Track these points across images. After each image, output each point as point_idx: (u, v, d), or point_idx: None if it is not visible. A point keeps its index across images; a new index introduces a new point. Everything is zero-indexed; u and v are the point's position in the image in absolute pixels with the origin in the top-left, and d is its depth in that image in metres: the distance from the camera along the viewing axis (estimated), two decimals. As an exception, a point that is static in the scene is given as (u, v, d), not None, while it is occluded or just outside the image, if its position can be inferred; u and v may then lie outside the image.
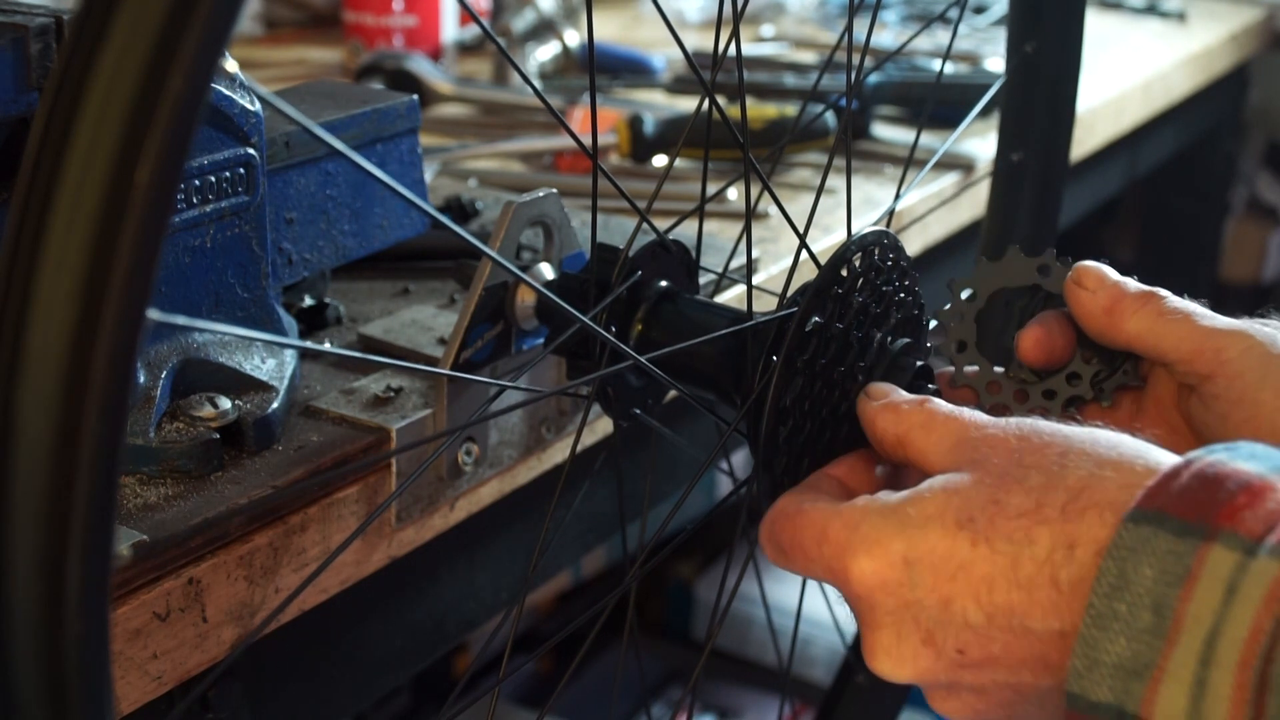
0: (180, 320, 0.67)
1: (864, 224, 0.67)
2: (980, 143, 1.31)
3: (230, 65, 0.69)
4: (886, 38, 1.78)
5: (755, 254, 1.01)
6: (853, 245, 0.64)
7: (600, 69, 1.52)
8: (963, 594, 0.51)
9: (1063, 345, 0.68)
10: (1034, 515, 0.50)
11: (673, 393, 0.73)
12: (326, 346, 0.83)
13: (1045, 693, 0.51)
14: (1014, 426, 0.54)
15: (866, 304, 0.63)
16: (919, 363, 0.65)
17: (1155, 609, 0.46)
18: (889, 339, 0.65)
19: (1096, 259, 0.68)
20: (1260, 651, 0.44)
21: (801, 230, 0.68)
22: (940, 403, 0.59)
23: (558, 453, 0.82)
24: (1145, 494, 0.48)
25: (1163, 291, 0.65)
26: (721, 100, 1.29)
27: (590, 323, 0.62)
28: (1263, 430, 0.60)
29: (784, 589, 1.88)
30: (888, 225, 0.68)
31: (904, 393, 0.62)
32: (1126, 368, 0.68)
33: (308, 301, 0.86)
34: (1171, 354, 0.64)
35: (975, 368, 0.71)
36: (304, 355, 0.78)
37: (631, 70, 1.54)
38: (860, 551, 0.53)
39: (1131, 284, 0.66)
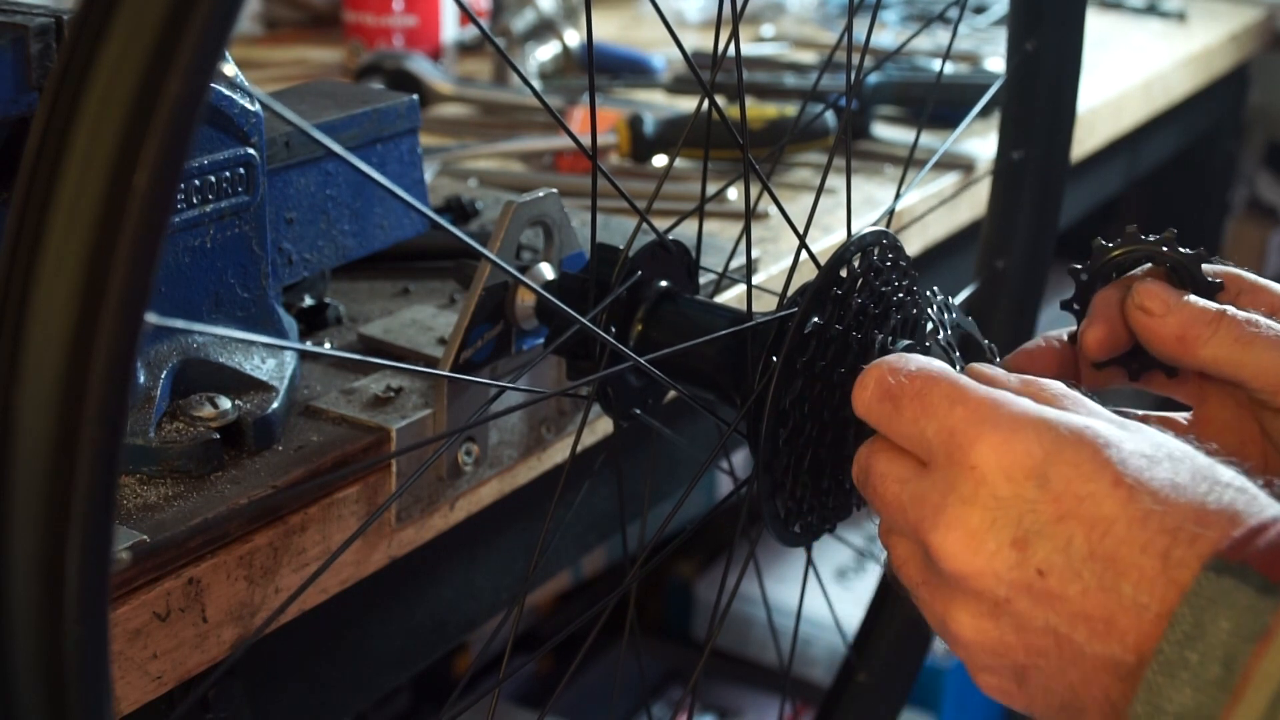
0: (179, 324, 0.67)
1: (864, 224, 0.67)
2: (980, 142, 1.31)
3: (229, 69, 0.69)
4: (886, 38, 1.78)
5: (755, 254, 1.01)
6: (852, 245, 0.64)
7: (600, 69, 1.52)
8: (1078, 520, 0.49)
9: (1124, 336, 0.66)
10: (1177, 491, 0.49)
11: (673, 393, 0.73)
12: (326, 348, 0.83)
13: (1082, 660, 0.49)
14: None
15: (866, 304, 0.63)
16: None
17: (1225, 663, 0.45)
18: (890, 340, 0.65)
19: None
20: None
21: (801, 230, 0.68)
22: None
23: (558, 453, 0.82)
24: (1231, 544, 0.47)
25: (1232, 310, 0.63)
26: (721, 100, 1.29)
27: (589, 324, 0.62)
28: None
29: (784, 589, 1.88)
30: (887, 225, 0.68)
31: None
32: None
33: (308, 301, 0.86)
34: (1253, 382, 0.62)
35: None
36: (304, 355, 0.78)
37: (631, 70, 1.54)
38: (1003, 430, 0.51)
39: (1199, 303, 0.63)
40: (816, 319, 0.62)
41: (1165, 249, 0.67)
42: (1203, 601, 0.46)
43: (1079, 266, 0.70)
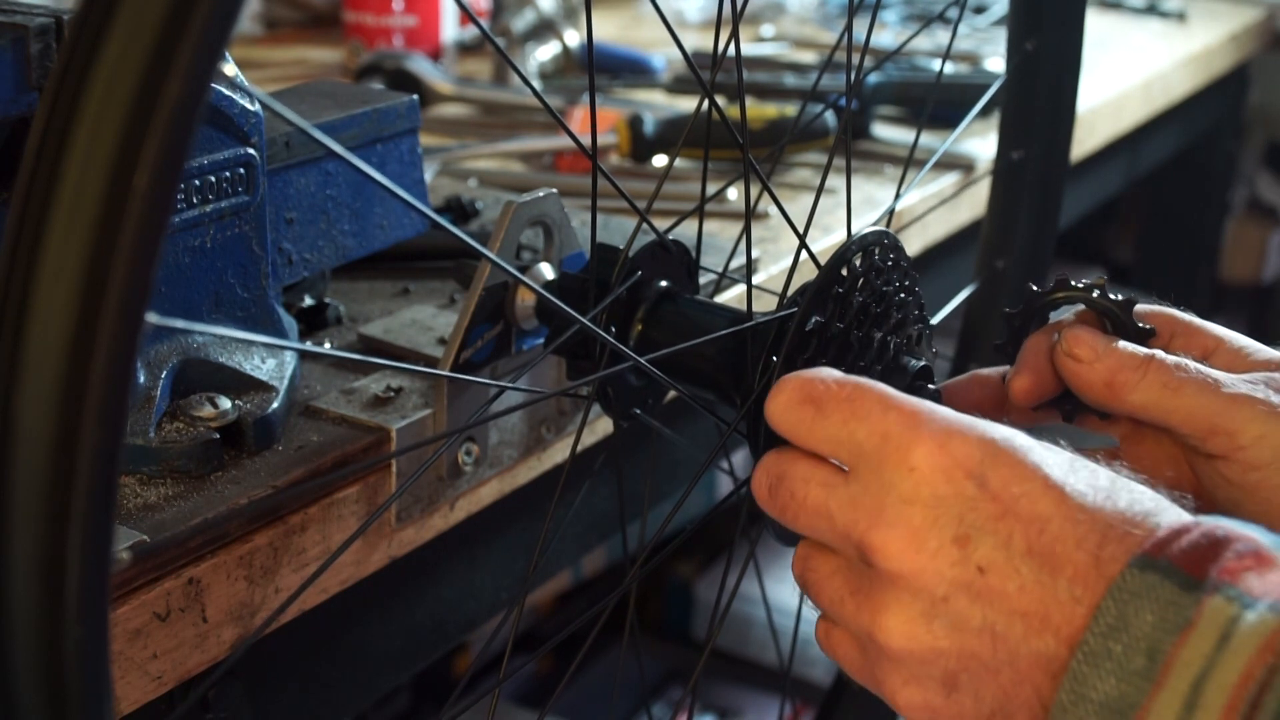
0: (179, 324, 0.67)
1: (864, 224, 0.67)
2: (980, 142, 1.31)
3: (229, 68, 0.69)
4: (886, 37, 1.78)
5: (755, 254, 1.01)
6: (853, 245, 0.64)
7: (600, 69, 1.52)
8: (1017, 518, 0.50)
9: (1053, 383, 0.67)
10: (1101, 495, 0.50)
11: (673, 393, 0.73)
12: (326, 348, 0.83)
13: (1016, 660, 0.50)
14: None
15: (867, 304, 0.63)
16: (920, 363, 0.65)
17: (1149, 654, 0.46)
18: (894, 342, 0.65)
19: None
20: (1247, 698, 0.44)
21: (801, 230, 0.68)
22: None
23: (558, 453, 0.82)
24: (1154, 543, 0.48)
25: (1161, 355, 0.63)
26: (721, 100, 1.29)
27: (590, 324, 0.62)
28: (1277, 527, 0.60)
29: (784, 589, 1.88)
30: (888, 225, 0.68)
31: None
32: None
33: (308, 301, 0.86)
34: (1182, 428, 0.63)
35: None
36: (304, 355, 0.78)
37: (631, 70, 1.54)
38: (939, 433, 0.52)
39: (1127, 349, 0.64)
40: (817, 317, 0.62)
41: (1095, 295, 0.67)
42: (1126, 595, 0.47)
43: (1011, 311, 0.71)
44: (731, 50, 0.64)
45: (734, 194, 1.14)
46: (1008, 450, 0.52)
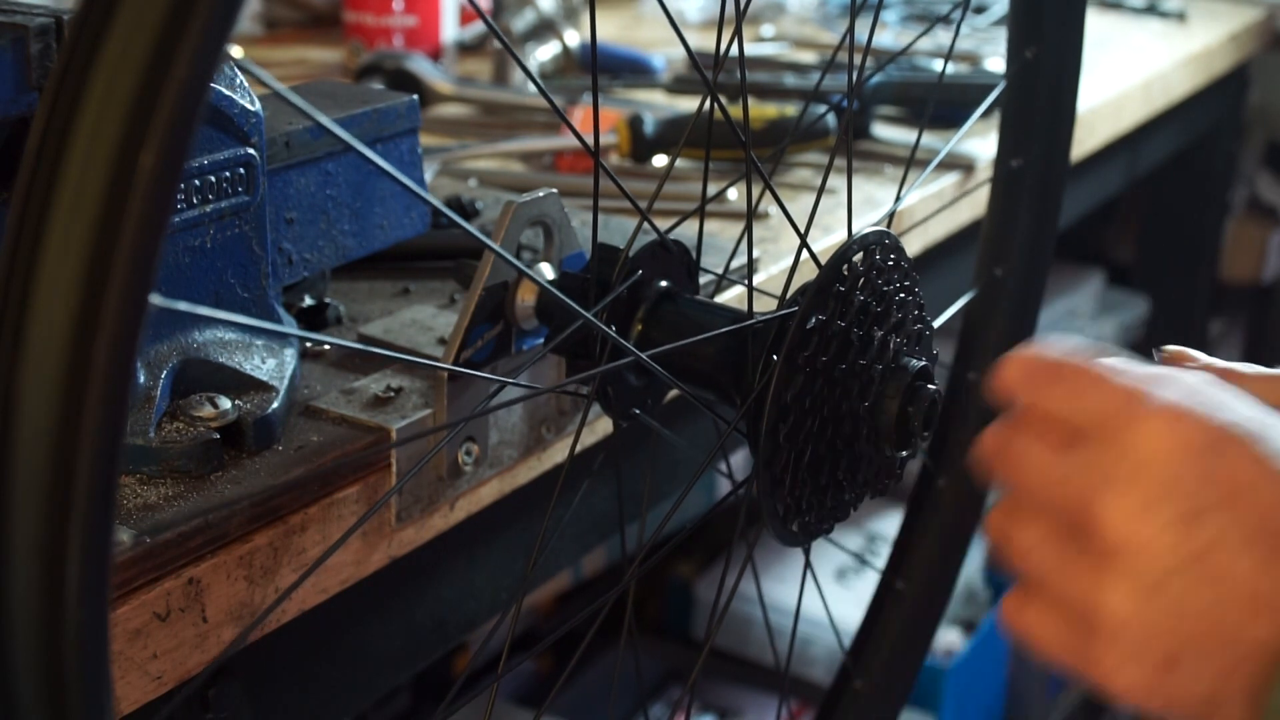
0: (182, 306, 0.67)
1: (864, 224, 0.67)
2: (981, 143, 1.31)
3: (237, 51, 0.69)
4: (886, 38, 1.78)
5: (755, 254, 1.01)
6: (854, 245, 0.64)
7: (600, 69, 1.52)
8: (1243, 503, 0.49)
9: None
10: None
11: (672, 393, 0.73)
12: (328, 339, 0.83)
13: (1236, 644, 0.48)
14: None
15: (867, 302, 0.64)
16: (920, 362, 0.65)
17: None
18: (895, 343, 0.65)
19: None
20: None
21: (802, 230, 0.68)
22: None
23: (558, 453, 0.82)
24: None
25: (1241, 367, 0.63)
26: (722, 100, 1.29)
27: (592, 317, 0.62)
28: None
29: (785, 589, 1.88)
30: (889, 226, 0.69)
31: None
32: None
33: (308, 301, 0.86)
34: None
35: None
36: (304, 355, 0.78)
37: (631, 70, 1.54)
38: (1170, 412, 0.51)
39: (1219, 364, 0.64)
40: (818, 315, 0.62)
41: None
42: None
43: None
44: (734, 50, 0.64)
45: (734, 194, 1.14)
46: (1235, 436, 0.50)
